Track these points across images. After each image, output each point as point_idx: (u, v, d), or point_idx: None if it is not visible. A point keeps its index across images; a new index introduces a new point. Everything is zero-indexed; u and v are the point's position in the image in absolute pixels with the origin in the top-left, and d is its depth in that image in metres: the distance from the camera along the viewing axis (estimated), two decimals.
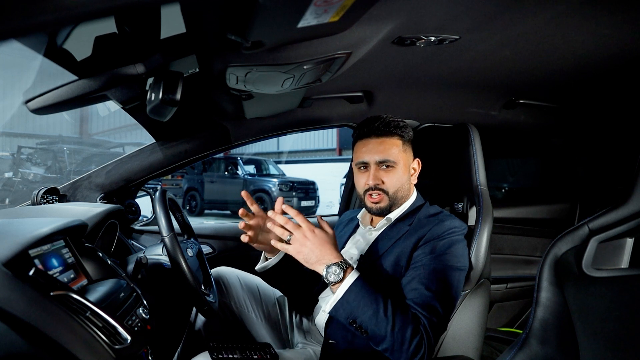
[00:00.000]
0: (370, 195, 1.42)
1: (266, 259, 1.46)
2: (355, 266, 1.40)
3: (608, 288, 0.88)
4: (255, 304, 1.65)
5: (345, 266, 1.20)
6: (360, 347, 1.27)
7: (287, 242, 1.23)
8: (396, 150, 1.41)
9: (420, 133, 2.14)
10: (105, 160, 2.11)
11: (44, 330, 0.84)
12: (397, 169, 1.41)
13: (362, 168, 1.45)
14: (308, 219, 1.27)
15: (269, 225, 1.26)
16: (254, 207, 1.41)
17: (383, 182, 1.41)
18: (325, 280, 1.19)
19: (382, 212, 1.44)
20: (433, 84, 1.79)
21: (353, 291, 1.17)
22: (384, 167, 1.40)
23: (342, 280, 1.18)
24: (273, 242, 1.24)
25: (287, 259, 1.44)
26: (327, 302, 1.22)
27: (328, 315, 1.37)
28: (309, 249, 1.19)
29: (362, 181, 1.44)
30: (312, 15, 0.88)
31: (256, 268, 1.47)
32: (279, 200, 1.29)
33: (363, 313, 1.15)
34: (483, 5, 1.06)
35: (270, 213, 1.27)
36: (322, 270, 1.19)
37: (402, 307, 1.19)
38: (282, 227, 1.24)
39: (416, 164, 1.49)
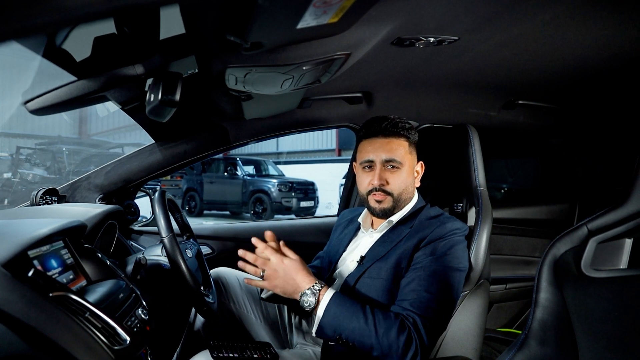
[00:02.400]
0: (374, 194, 1.40)
1: None
2: (356, 268, 1.41)
3: (607, 288, 0.88)
4: (254, 304, 1.65)
5: (318, 288, 1.23)
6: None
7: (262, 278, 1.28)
8: (402, 151, 1.39)
9: (419, 134, 2.14)
10: (104, 160, 2.11)
11: (43, 331, 0.84)
12: (403, 170, 1.39)
13: (366, 167, 1.42)
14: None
15: (239, 264, 1.30)
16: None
17: (388, 183, 1.39)
18: (304, 308, 1.22)
19: (385, 214, 1.42)
20: (432, 84, 1.79)
21: (331, 309, 1.20)
22: (390, 167, 1.39)
23: (317, 304, 1.21)
24: (246, 281, 1.31)
25: None
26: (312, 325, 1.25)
27: None
28: (283, 281, 1.23)
29: (366, 181, 1.41)
30: (311, 16, 0.89)
31: (262, 296, 1.47)
32: (253, 239, 1.31)
33: (345, 327, 1.18)
34: (482, 6, 1.06)
35: (240, 252, 1.30)
36: (298, 299, 1.23)
37: (383, 310, 1.21)
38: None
39: (419, 167, 1.48)
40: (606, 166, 2.32)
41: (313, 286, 1.23)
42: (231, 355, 1.24)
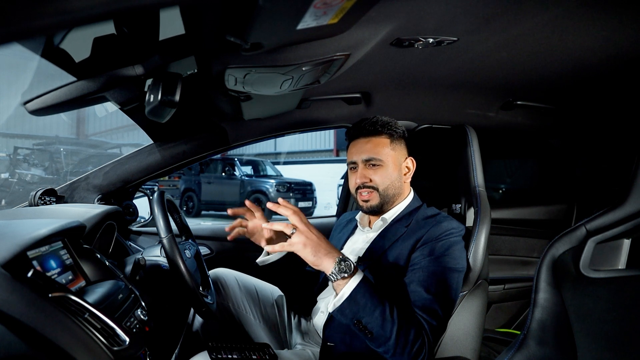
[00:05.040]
0: (361, 193, 1.44)
1: (268, 254, 1.46)
2: None
3: (605, 289, 0.88)
4: (253, 305, 1.65)
5: (352, 262, 1.16)
6: (359, 349, 1.27)
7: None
8: (383, 148, 1.43)
9: (418, 134, 2.15)
10: (102, 161, 2.10)
11: (43, 332, 0.84)
12: (385, 167, 1.42)
13: (352, 168, 1.48)
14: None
15: (265, 225, 1.20)
16: (258, 214, 1.43)
17: (371, 180, 1.42)
18: (334, 276, 1.13)
19: (374, 210, 1.45)
20: (431, 85, 1.79)
21: (361, 290, 1.13)
22: (371, 165, 1.42)
23: (349, 277, 1.14)
24: (279, 246, 1.16)
25: (289, 256, 1.45)
26: (329, 302, 1.20)
27: (327, 316, 1.37)
28: (316, 242, 1.13)
29: (352, 180, 1.46)
30: (311, 17, 0.89)
31: (257, 261, 1.47)
32: (280, 200, 1.19)
33: (370, 313, 1.12)
34: (481, 7, 1.06)
35: (270, 205, 1.17)
36: (332, 264, 1.13)
37: (407, 309, 1.19)
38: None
39: (410, 163, 1.49)
40: (604, 167, 2.32)
41: (347, 258, 1.16)
42: (230, 356, 1.24)
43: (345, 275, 1.13)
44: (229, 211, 1.40)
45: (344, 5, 0.86)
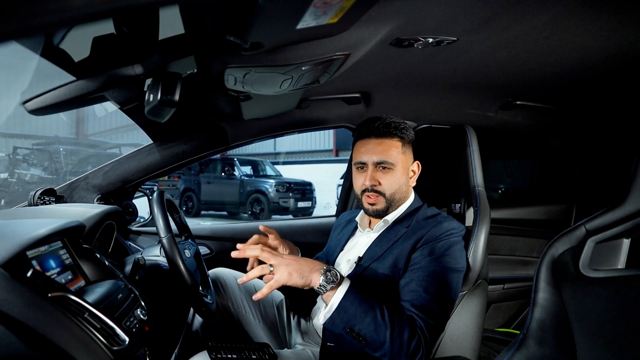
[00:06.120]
0: (368, 196, 1.41)
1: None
2: (353, 268, 1.41)
3: (605, 288, 0.89)
4: (252, 305, 1.65)
5: (337, 271, 1.18)
6: (359, 349, 1.27)
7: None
8: (395, 151, 1.40)
9: (417, 134, 2.14)
10: (102, 161, 2.10)
11: (42, 331, 0.84)
12: (395, 171, 1.40)
13: (360, 168, 1.44)
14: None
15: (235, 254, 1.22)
16: (271, 236, 1.45)
17: (380, 184, 1.39)
18: (322, 289, 1.14)
19: (379, 214, 1.43)
20: (430, 85, 1.80)
21: (349, 298, 1.14)
22: (382, 168, 1.39)
23: (336, 287, 1.15)
24: (266, 288, 1.14)
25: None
26: (320, 314, 1.19)
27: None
28: (297, 266, 1.14)
29: (359, 181, 1.43)
30: (311, 17, 0.89)
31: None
32: (240, 246, 1.24)
33: (361, 320, 1.13)
34: (480, 7, 1.06)
35: (234, 254, 1.22)
36: (319, 277, 1.14)
37: (398, 310, 1.19)
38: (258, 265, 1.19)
39: (416, 167, 1.48)
40: (603, 167, 2.33)
41: (332, 268, 1.17)
42: (229, 356, 1.24)
43: (333, 285, 1.15)
44: (239, 249, 1.24)
45: (344, 4, 0.86)
